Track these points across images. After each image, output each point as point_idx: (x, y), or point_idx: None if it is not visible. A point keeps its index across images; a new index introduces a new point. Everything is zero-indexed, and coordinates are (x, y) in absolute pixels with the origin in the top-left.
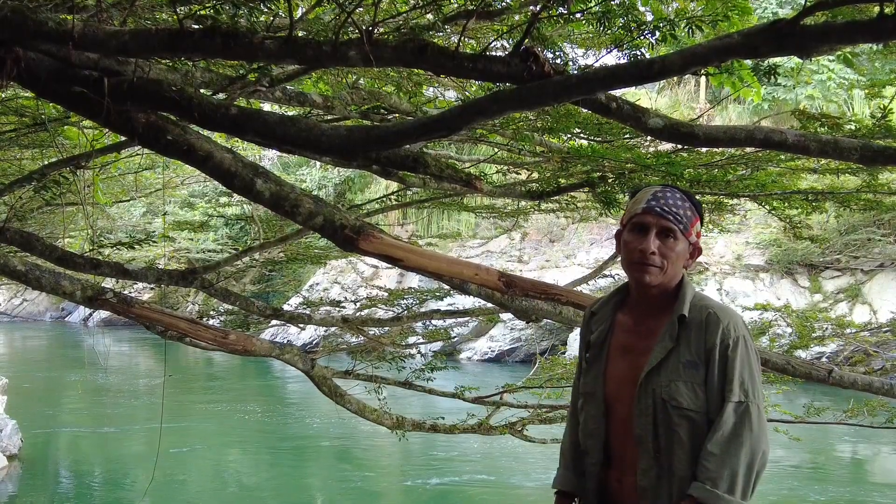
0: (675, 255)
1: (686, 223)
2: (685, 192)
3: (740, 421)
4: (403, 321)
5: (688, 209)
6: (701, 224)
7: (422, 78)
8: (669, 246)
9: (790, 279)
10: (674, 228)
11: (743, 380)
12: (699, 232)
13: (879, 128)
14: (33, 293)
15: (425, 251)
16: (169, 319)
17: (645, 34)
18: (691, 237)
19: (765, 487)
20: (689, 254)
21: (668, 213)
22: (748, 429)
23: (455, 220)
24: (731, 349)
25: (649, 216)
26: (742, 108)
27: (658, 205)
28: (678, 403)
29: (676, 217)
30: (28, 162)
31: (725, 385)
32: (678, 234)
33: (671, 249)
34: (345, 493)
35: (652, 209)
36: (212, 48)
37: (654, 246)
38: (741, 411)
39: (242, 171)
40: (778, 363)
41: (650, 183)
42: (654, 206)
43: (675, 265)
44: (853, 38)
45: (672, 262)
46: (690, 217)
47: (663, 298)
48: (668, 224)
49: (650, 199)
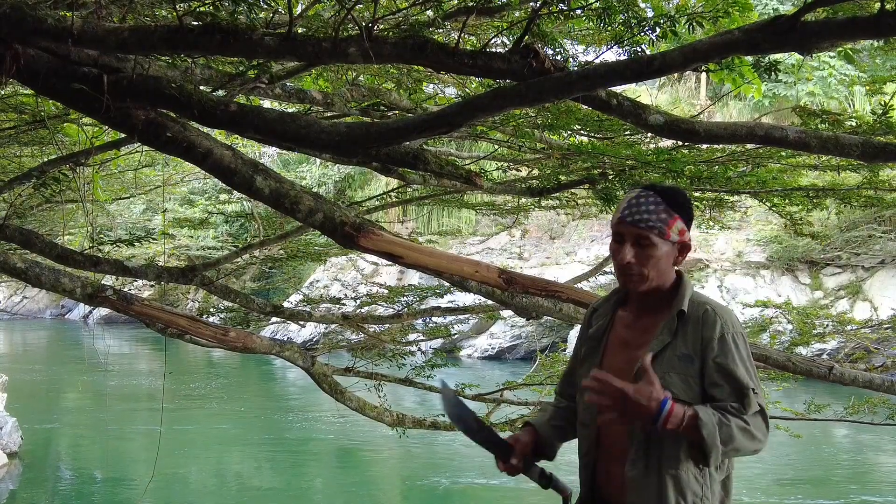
0: (654, 261)
1: (661, 226)
2: (663, 193)
3: (759, 411)
4: (404, 318)
5: (662, 212)
6: (687, 221)
7: (422, 75)
8: (647, 254)
9: (791, 276)
10: (647, 236)
11: (751, 373)
12: (682, 229)
13: (880, 124)
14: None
15: (425, 248)
16: (169, 317)
17: (645, 30)
18: (671, 238)
19: (765, 487)
20: (676, 253)
21: (639, 221)
22: (762, 422)
23: (455, 216)
24: (732, 343)
25: (623, 226)
26: (743, 105)
27: (630, 213)
28: (672, 394)
29: (649, 224)
30: (28, 159)
31: (737, 372)
32: (654, 240)
33: (649, 256)
34: (345, 492)
35: (624, 219)
36: (211, 45)
37: (630, 256)
38: (759, 402)
39: (242, 168)
40: (779, 360)
41: (650, 180)
42: (626, 215)
43: (658, 269)
44: (854, 34)
45: (653, 267)
46: (666, 219)
47: (660, 296)
48: (640, 232)
49: (624, 207)
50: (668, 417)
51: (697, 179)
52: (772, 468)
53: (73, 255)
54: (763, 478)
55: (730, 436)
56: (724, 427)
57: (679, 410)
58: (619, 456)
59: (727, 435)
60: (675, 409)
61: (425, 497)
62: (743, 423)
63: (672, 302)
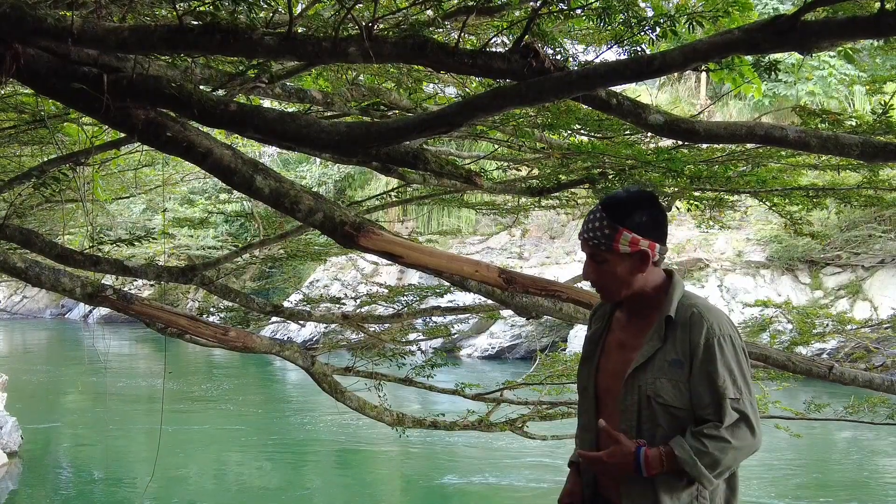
0: (610, 275)
1: (606, 241)
2: (608, 207)
3: (741, 418)
4: (403, 318)
5: (606, 227)
6: (640, 228)
7: (422, 74)
8: (603, 269)
9: (791, 276)
10: (594, 251)
11: (734, 377)
12: (634, 239)
13: (880, 124)
14: (33, 290)
15: (425, 248)
16: (169, 316)
17: (645, 30)
18: (622, 249)
19: (765, 486)
20: (638, 261)
21: (587, 239)
22: (745, 429)
23: (455, 216)
24: (717, 347)
25: (581, 243)
26: (742, 105)
27: (584, 231)
28: (663, 400)
29: (594, 241)
30: (27, 158)
31: (717, 380)
32: (603, 254)
33: (605, 272)
34: (345, 492)
35: (581, 236)
36: (211, 44)
37: (591, 271)
38: (739, 408)
39: (242, 167)
40: (778, 360)
41: (650, 179)
42: (581, 233)
43: (620, 281)
44: (854, 33)
45: (612, 280)
46: (610, 234)
47: (648, 299)
48: (591, 250)
49: (582, 224)
50: (648, 467)
51: (697, 179)
52: (772, 468)
53: (73, 255)
54: (763, 478)
55: (713, 461)
56: (703, 456)
57: (655, 454)
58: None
59: (710, 461)
60: (651, 455)
61: (425, 496)
62: (722, 442)
63: (662, 305)
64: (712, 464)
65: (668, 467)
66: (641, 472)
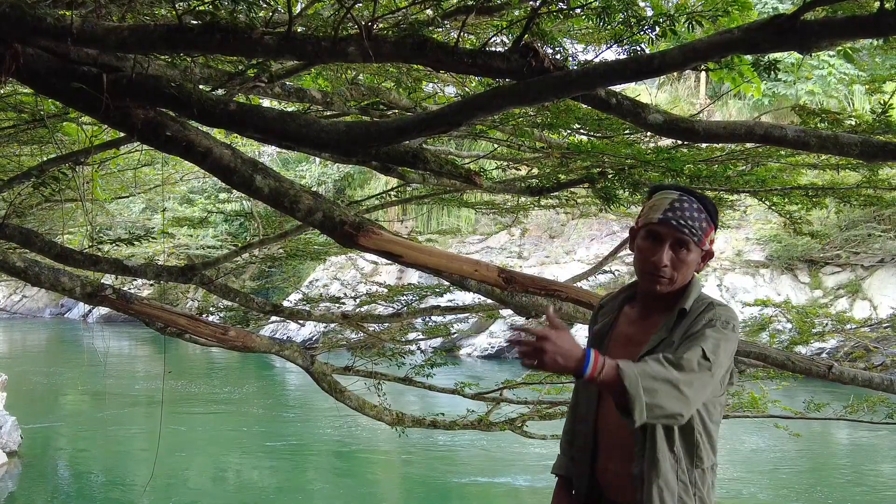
0: (686, 266)
1: (701, 235)
2: (703, 201)
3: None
4: (403, 317)
5: (703, 220)
6: (716, 230)
7: (421, 74)
8: (682, 258)
9: (790, 275)
10: (688, 241)
11: (716, 350)
12: (713, 239)
13: (880, 123)
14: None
15: (425, 247)
16: (168, 316)
17: (645, 29)
18: (705, 246)
19: (765, 485)
20: (700, 259)
21: (683, 226)
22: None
23: (455, 216)
24: (713, 327)
25: (665, 228)
26: (742, 104)
27: (675, 217)
28: None
29: (692, 230)
30: (27, 158)
31: (698, 339)
32: (692, 246)
33: (683, 261)
34: (345, 492)
35: (668, 221)
36: (211, 44)
37: (667, 258)
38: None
39: (242, 167)
40: (778, 359)
41: (650, 179)
42: (670, 217)
43: (685, 274)
44: (853, 33)
45: (683, 271)
46: (706, 228)
47: (671, 296)
48: (683, 237)
49: (667, 209)
50: (594, 366)
51: (697, 178)
52: (771, 468)
53: (73, 254)
54: (763, 477)
55: (653, 388)
56: (646, 379)
57: (600, 358)
58: (619, 452)
59: (650, 386)
60: (598, 357)
61: (425, 496)
62: (672, 375)
63: (678, 302)
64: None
65: (605, 375)
66: (587, 367)
